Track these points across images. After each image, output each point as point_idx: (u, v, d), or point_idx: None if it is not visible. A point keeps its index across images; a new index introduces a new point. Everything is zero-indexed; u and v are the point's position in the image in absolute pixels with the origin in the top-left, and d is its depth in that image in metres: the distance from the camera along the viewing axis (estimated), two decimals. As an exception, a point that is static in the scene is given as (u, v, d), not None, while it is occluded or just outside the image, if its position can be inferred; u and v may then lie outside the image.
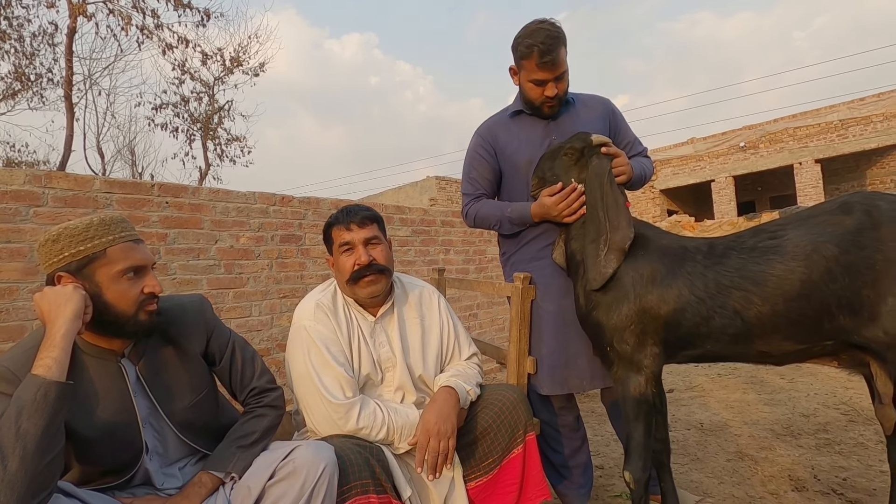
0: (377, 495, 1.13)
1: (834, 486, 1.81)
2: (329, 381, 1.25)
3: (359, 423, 1.21)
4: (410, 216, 3.97)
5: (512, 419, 1.39)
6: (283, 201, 3.09)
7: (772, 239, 1.26)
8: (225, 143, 10.44)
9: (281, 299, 3.00)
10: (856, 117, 12.33)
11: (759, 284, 1.23)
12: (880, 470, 1.91)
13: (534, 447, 1.42)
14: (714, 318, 1.27)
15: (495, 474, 1.38)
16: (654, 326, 1.32)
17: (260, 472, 1.04)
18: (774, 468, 2.01)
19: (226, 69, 9.93)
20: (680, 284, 1.30)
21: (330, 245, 1.42)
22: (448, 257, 4.20)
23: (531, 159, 1.65)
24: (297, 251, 3.12)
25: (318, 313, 1.34)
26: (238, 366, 1.23)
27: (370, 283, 1.34)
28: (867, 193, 1.27)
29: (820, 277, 1.19)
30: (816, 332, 1.22)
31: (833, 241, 1.19)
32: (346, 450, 1.14)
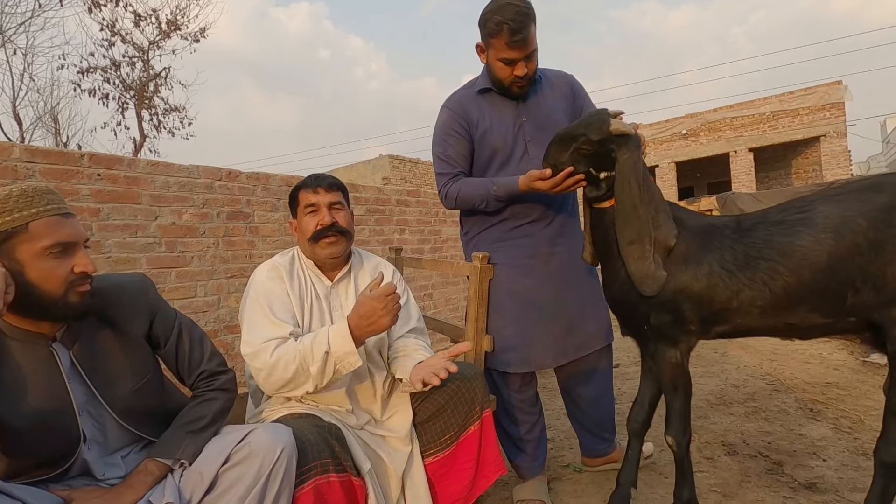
0: (337, 474, 1.11)
1: (760, 450, 1.97)
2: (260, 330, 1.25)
3: (272, 357, 1.19)
4: (364, 195, 3.89)
5: (469, 396, 1.41)
6: (229, 176, 2.93)
7: (799, 213, 1.27)
8: (162, 113, 9.76)
9: (228, 279, 2.87)
10: (785, 110, 13.19)
11: (786, 255, 1.24)
12: (799, 434, 2.10)
13: (490, 424, 1.44)
14: (744, 290, 1.28)
15: (453, 450, 1.40)
16: (689, 304, 1.33)
17: (213, 458, 1.00)
18: (709, 435, 2.16)
19: (162, 33, 9.24)
20: (710, 259, 1.31)
21: (295, 207, 1.44)
22: (403, 237, 4.16)
23: (503, 140, 1.63)
24: (245, 229, 2.98)
25: (273, 272, 1.37)
26: (185, 348, 1.16)
27: (330, 243, 1.37)
28: None
29: (847, 250, 1.20)
30: (840, 307, 1.23)
31: (863, 216, 1.20)
32: (304, 430, 1.11)
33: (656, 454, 1.96)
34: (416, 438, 1.37)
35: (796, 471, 1.78)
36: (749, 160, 13.71)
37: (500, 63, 1.53)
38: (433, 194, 4.57)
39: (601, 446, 1.85)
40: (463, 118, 1.63)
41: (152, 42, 9.23)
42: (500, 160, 1.66)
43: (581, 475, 1.88)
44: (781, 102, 13.22)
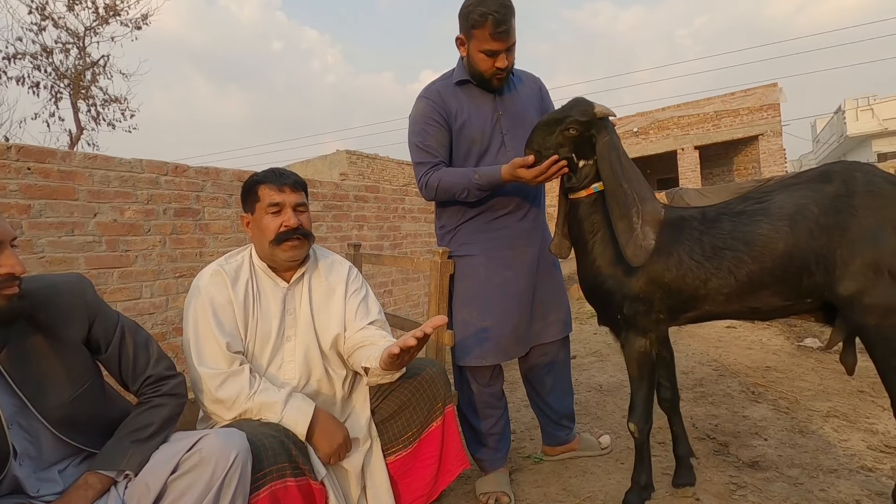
0: (294, 479, 1.08)
1: (708, 432, 2.07)
2: (205, 350, 1.20)
3: (218, 394, 1.16)
4: (322, 190, 3.81)
5: (431, 392, 1.40)
6: (176, 171, 2.79)
7: (758, 203, 1.35)
8: (101, 104, 9.18)
9: (177, 279, 2.73)
10: (727, 110, 13.90)
11: (748, 244, 1.31)
12: (742, 415, 2.22)
13: (452, 419, 1.44)
14: (711, 279, 1.34)
15: (415, 448, 1.39)
16: (660, 294, 1.39)
17: (160, 467, 0.95)
18: (661, 420, 2.23)
19: (99, 18, 8.68)
20: (680, 251, 1.37)
21: (253, 202, 1.34)
22: (362, 233, 4.10)
23: (481, 132, 1.64)
24: (194, 226, 2.85)
25: (216, 277, 1.30)
26: (129, 352, 1.09)
27: (293, 247, 1.31)
28: (847, 163, 1.36)
29: (802, 236, 1.28)
30: (798, 289, 1.31)
31: (815, 203, 1.28)
32: (259, 434, 1.08)
33: (612, 442, 2.02)
34: (377, 437, 1.35)
35: (740, 451, 1.88)
36: (695, 157, 14.37)
37: (481, 55, 1.54)
38: (392, 190, 4.53)
39: (562, 434, 1.90)
40: (442, 108, 1.62)
41: (88, 28, 8.65)
42: (478, 152, 1.66)
43: (541, 465, 1.92)
44: (724, 103, 13.92)
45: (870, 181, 1.27)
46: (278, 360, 1.32)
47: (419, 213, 4.83)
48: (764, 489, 1.60)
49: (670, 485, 1.65)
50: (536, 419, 1.99)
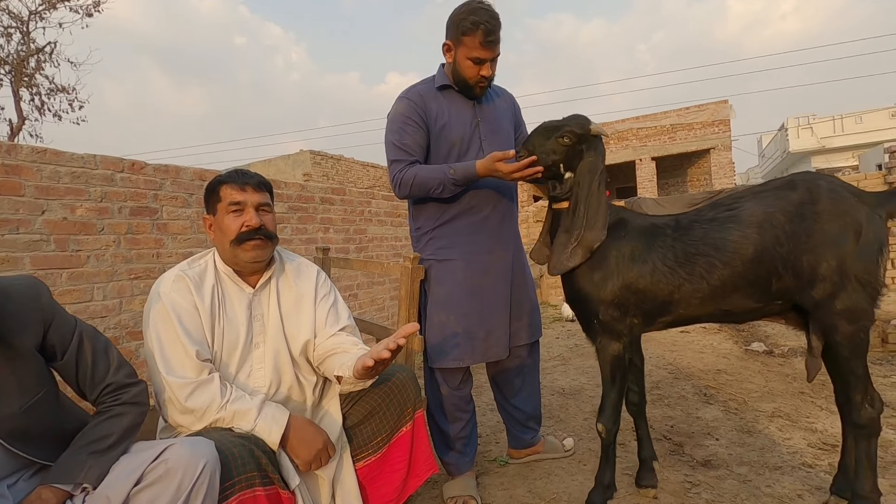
0: (264, 488, 1.06)
1: (664, 433, 2.16)
2: (172, 358, 1.16)
3: (188, 403, 1.12)
4: (287, 191, 3.73)
5: (401, 397, 1.41)
6: (133, 167, 2.68)
7: (728, 210, 1.41)
8: (46, 93, 8.66)
9: (132, 281, 2.62)
10: (682, 123, 14.55)
11: (719, 250, 1.37)
12: (696, 416, 2.33)
13: (422, 423, 1.45)
14: (684, 284, 1.40)
15: (384, 453, 1.39)
16: (634, 299, 1.44)
17: (122, 479, 0.91)
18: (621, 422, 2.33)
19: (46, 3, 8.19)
20: (654, 258, 1.42)
21: (214, 203, 1.30)
22: (327, 236, 4.05)
23: (461, 136, 1.68)
24: (151, 226, 2.74)
25: (179, 283, 1.25)
26: (87, 359, 1.04)
27: (256, 247, 1.27)
28: (810, 174, 1.43)
29: (770, 242, 1.34)
30: (768, 292, 1.38)
31: (781, 211, 1.35)
32: (228, 442, 1.05)
33: (575, 444, 2.08)
34: (347, 443, 1.34)
35: (694, 450, 1.97)
36: (652, 168, 14.96)
37: (469, 62, 1.59)
38: (358, 193, 4.49)
39: (527, 436, 1.95)
40: (422, 109, 1.65)
41: (34, 12, 8.16)
42: (456, 155, 1.69)
43: (507, 468, 1.95)
44: (679, 117, 14.56)
45: (832, 189, 1.35)
46: (247, 367, 1.29)
47: (386, 216, 4.81)
48: (716, 486, 1.69)
49: (630, 484, 1.72)
50: (502, 423, 2.03)
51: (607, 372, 1.50)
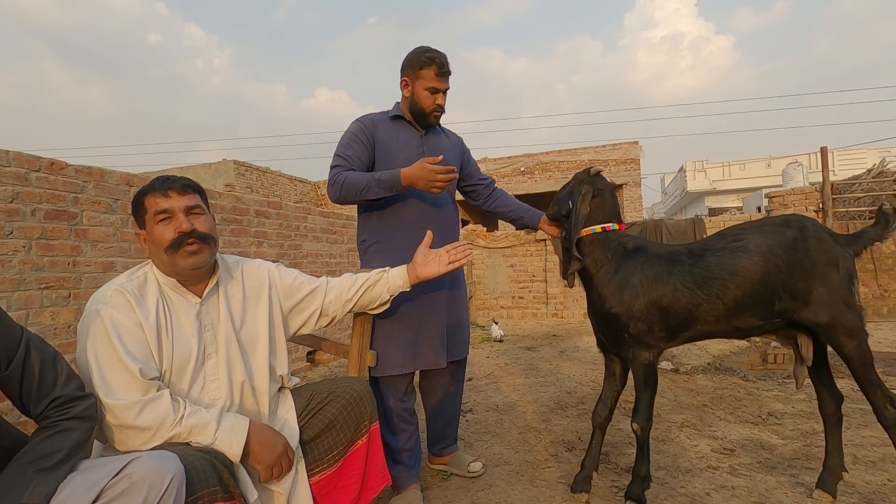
0: (224, 503, 1.04)
1: (591, 444, 2.34)
2: (114, 380, 1.09)
3: (138, 422, 1.07)
4: (220, 202, 3.59)
5: (358, 410, 1.43)
6: (52, 167, 2.47)
7: (736, 241, 1.64)
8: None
9: (42, 290, 2.38)
10: (599, 159, 15.80)
11: (733, 275, 1.58)
12: (618, 428, 2.54)
13: (377, 436, 1.48)
14: (702, 304, 1.60)
15: (339, 466, 1.39)
16: (659, 315, 1.62)
17: (79, 496, 0.86)
18: (552, 436, 2.48)
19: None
20: (675, 281, 1.61)
21: (142, 217, 1.25)
22: (261, 250, 3.92)
23: (406, 158, 1.82)
24: (69, 231, 2.52)
25: (117, 298, 1.17)
26: (34, 370, 0.97)
27: (192, 252, 1.22)
28: (800, 216, 1.71)
29: (772, 269, 1.58)
30: (770, 311, 1.61)
31: (779, 245, 1.60)
32: (190, 456, 1.02)
33: (510, 457, 2.18)
34: (303, 457, 1.34)
35: (619, 458, 2.16)
36: (571, 199, 16.02)
37: (426, 92, 1.82)
38: (295, 207, 4.41)
39: (441, 446, 2.08)
40: (371, 132, 1.84)
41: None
42: None
43: (449, 481, 2.00)
44: (597, 153, 15.80)
45: (816, 230, 1.64)
46: (200, 380, 1.24)
47: (322, 232, 4.74)
48: (639, 490, 1.86)
49: (566, 491, 1.85)
50: None
51: (640, 377, 1.65)
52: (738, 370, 3.80)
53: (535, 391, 3.35)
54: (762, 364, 4.20)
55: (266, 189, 14.72)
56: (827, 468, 1.74)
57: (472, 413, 2.91)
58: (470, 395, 3.30)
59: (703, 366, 3.96)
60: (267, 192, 14.63)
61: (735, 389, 3.19)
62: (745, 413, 2.72)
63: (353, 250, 5.26)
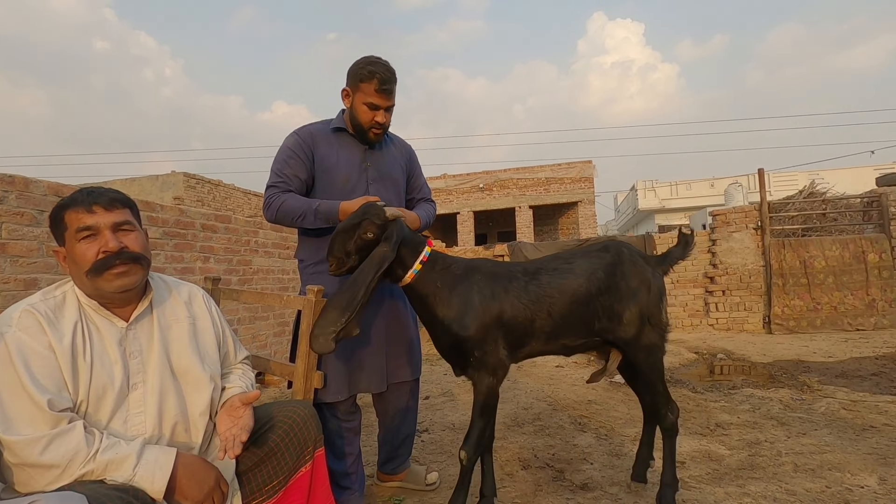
0: (142, 546, 0.93)
1: (547, 461, 2.32)
2: (15, 413, 0.96)
3: (43, 458, 0.95)
4: (162, 215, 3.40)
5: (301, 437, 1.34)
6: (-33, 176, 2.25)
7: (566, 264, 1.74)
8: None
9: (-49, 311, 2.15)
10: (555, 177, 16.24)
11: (562, 293, 1.67)
12: (573, 444, 2.53)
13: (322, 462, 1.40)
14: (536, 320, 1.64)
15: (280, 497, 1.30)
16: (499, 333, 1.63)
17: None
18: (508, 454, 2.44)
19: None
20: (512, 298, 1.64)
21: (61, 233, 1.13)
22: (207, 265, 3.73)
23: (348, 177, 1.75)
24: (-15, 245, 2.30)
25: (27, 320, 1.05)
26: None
27: (120, 274, 1.11)
28: (617, 241, 1.86)
29: (594, 291, 1.69)
30: (591, 330, 1.72)
31: (600, 269, 1.72)
32: (102, 496, 0.91)
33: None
34: (238, 490, 1.23)
35: (574, 475, 2.14)
36: (529, 215, 16.33)
37: (364, 107, 1.70)
38: (245, 221, 4.24)
39: (395, 463, 2.05)
40: (309, 147, 1.74)
41: None
42: (340, 194, 1.75)
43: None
44: (553, 171, 16.23)
45: (631, 254, 1.78)
46: (122, 413, 1.11)
47: (274, 247, 4.58)
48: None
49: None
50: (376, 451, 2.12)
51: (481, 403, 1.63)
52: (688, 382, 3.91)
53: (492, 408, 3.31)
54: (710, 375, 4.34)
55: (218, 203, 14.21)
56: (639, 458, 2.01)
57: (428, 433, 2.84)
58: (426, 414, 3.23)
59: (654, 378, 4.05)
60: (219, 206, 14.11)
61: (685, 401, 3.27)
62: (695, 425, 2.78)
63: (308, 266, 5.11)
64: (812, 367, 4.20)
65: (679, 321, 6.88)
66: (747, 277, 6.63)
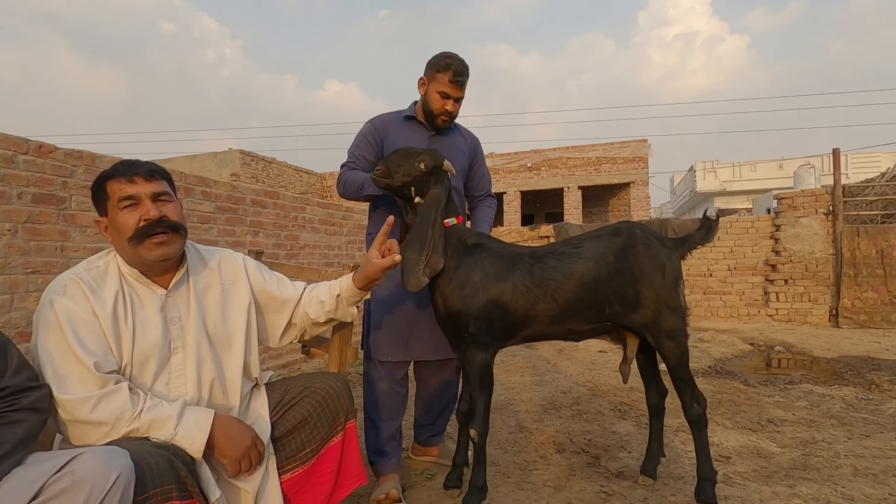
0: (181, 502, 0.98)
1: (583, 447, 2.28)
2: (67, 374, 1.03)
3: (93, 416, 1.01)
4: (216, 190, 3.54)
5: (333, 407, 1.37)
6: (40, 150, 2.43)
7: (574, 248, 1.70)
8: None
9: (28, 275, 2.35)
10: (607, 157, 15.62)
11: (567, 277, 1.64)
12: (611, 431, 2.47)
13: (353, 434, 1.42)
14: (539, 303, 1.62)
15: (312, 464, 1.34)
16: (498, 313, 1.62)
17: (16, 492, 0.81)
18: (543, 436, 2.42)
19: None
20: (515, 279, 1.63)
21: (103, 203, 1.18)
22: (257, 240, 3.88)
23: None
24: (57, 216, 2.49)
25: (73, 288, 1.10)
26: (-20, 358, 0.93)
27: (160, 243, 1.14)
28: (629, 223, 1.78)
29: (604, 275, 1.65)
30: (601, 315, 1.68)
31: (611, 252, 1.67)
32: (144, 452, 0.97)
33: (497, 457, 2.13)
34: (274, 454, 1.28)
35: (609, 462, 2.09)
36: (578, 196, 15.86)
37: (437, 95, 1.85)
38: (293, 197, 4.36)
39: (429, 434, 2.13)
40: (380, 134, 1.92)
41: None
42: None
43: (434, 481, 1.95)
44: (604, 150, 15.61)
45: (644, 236, 1.70)
46: (164, 376, 1.18)
47: (320, 223, 4.69)
48: (628, 496, 1.80)
49: (554, 493, 1.79)
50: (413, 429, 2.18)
51: (476, 381, 1.65)
52: (740, 374, 3.71)
53: (530, 390, 3.29)
54: (766, 368, 4.11)
55: (272, 179, 14.71)
56: (649, 454, 1.90)
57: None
58: (463, 392, 3.25)
59: (703, 369, 3.88)
60: (272, 183, 14.61)
61: (735, 394, 3.11)
62: (744, 419, 2.65)
63: (353, 242, 5.21)
64: (883, 366, 3.88)
65: (734, 310, 6.53)
66: (814, 266, 6.18)
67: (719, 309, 6.61)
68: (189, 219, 3.28)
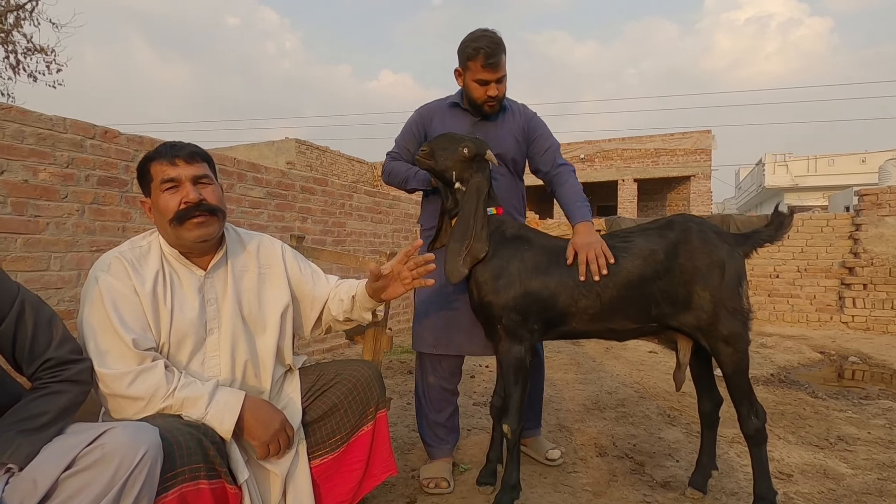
0: (209, 481, 0.99)
1: (626, 451, 2.16)
2: (107, 348, 1.06)
3: (130, 391, 1.04)
4: (266, 176, 3.64)
5: (364, 396, 1.36)
6: (106, 135, 2.56)
7: (623, 242, 1.59)
8: (23, 52, 8.30)
9: (93, 253, 2.50)
10: (665, 148, 14.87)
11: (612, 274, 1.54)
12: (658, 437, 2.33)
13: (384, 424, 1.40)
14: (581, 300, 1.56)
15: (342, 452, 1.34)
16: (535, 307, 1.56)
17: (52, 461, 0.84)
18: (584, 437, 2.32)
19: (32, -42, 7.87)
20: (556, 273, 1.57)
21: (147, 184, 1.20)
22: (305, 226, 3.96)
23: None
24: (119, 197, 2.62)
25: (116, 266, 1.14)
26: (27, 330, 0.97)
27: (199, 224, 1.17)
28: (685, 216, 1.63)
29: (651, 274, 1.54)
30: (646, 315, 1.58)
31: (660, 249, 1.55)
32: (174, 430, 0.98)
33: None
34: (304, 439, 1.28)
35: (655, 470, 1.97)
36: (633, 189, 15.22)
37: (475, 84, 1.75)
38: (340, 185, 4.42)
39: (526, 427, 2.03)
40: (427, 123, 1.89)
41: (18, -33, 7.82)
42: None
43: (466, 475, 1.91)
44: (663, 141, 14.87)
45: (701, 230, 1.56)
46: (200, 355, 1.20)
47: (367, 211, 4.74)
48: (673, 508, 1.68)
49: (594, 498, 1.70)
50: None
51: (511, 374, 1.59)
52: (807, 385, 3.42)
53: (573, 388, 3.18)
54: (837, 380, 3.77)
55: (325, 168, 15.10)
56: (699, 466, 1.77)
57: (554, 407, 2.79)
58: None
59: (765, 376, 3.61)
60: (325, 171, 15.00)
61: (800, 406, 2.86)
62: (810, 434, 2.42)
63: (399, 231, 5.24)
64: (979, 384, 3.45)
65: (803, 315, 6.04)
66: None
67: (785, 313, 6.14)
68: (241, 203, 3.39)
